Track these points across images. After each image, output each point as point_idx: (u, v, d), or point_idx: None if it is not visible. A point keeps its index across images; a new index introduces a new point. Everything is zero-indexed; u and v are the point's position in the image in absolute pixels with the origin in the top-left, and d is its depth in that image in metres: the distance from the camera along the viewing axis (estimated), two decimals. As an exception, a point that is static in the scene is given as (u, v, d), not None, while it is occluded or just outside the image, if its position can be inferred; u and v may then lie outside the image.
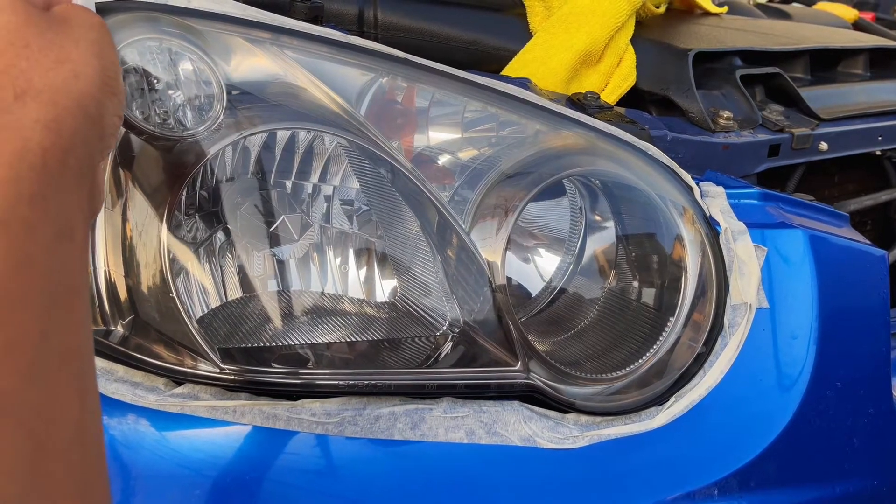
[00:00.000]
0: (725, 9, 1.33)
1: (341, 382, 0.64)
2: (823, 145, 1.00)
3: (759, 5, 1.62)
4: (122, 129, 0.64)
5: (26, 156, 0.45)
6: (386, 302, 0.69)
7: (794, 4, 1.78)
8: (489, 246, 0.66)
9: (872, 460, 0.77)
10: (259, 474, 0.62)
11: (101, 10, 0.63)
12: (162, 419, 0.62)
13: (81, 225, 0.48)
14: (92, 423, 0.44)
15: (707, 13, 1.28)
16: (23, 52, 0.48)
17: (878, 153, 1.14)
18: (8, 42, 0.48)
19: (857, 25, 1.68)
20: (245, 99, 0.64)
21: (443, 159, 0.70)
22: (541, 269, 0.80)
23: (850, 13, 1.71)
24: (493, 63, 0.96)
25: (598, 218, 0.78)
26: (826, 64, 1.24)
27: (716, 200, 0.76)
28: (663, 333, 0.72)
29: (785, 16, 1.55)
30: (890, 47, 1.30)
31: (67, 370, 0.44)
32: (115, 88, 0.53)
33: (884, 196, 1.12)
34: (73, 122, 0.49)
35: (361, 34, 0.94)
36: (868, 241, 0.80)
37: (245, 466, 0.62)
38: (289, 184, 0.69)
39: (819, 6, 1.81)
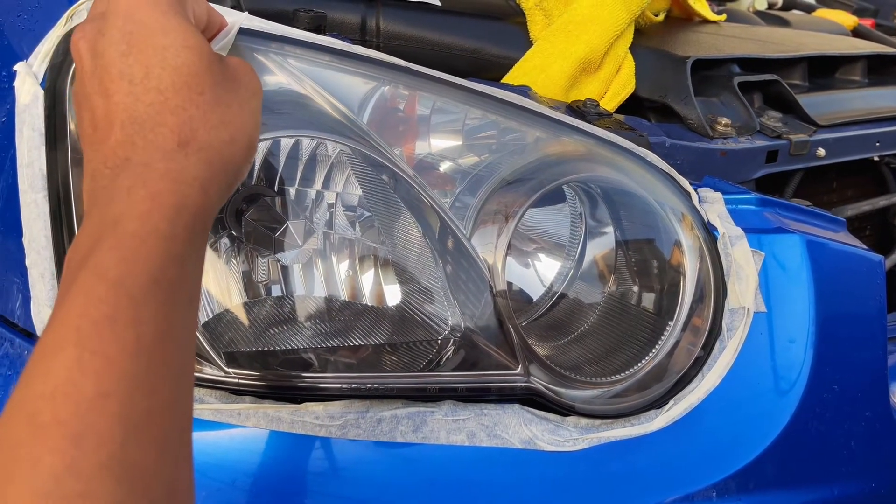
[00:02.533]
0: (724, 17, 1.34)
1: (344, 386, 0.65)
2: (821, 151, 1.00)
3: (758, 13, 1.63)
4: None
5: (183, 214, 0.43)
6: (388, 307, 0.70)
7: (794, 12, 1.79)
8: (490, 251, 0.67)
9: (870, 463, 0.78)
10: (263, 476, 0.63)
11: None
12: (168, 422, 0.63)
13: (200, 288, 0.47)
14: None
15: (705, 21, 1.29)
16: (196, 99, 0.46)
17: (876, 159, 1.15)
18: (185, 83, 0.46)
19: (857, 32, 1.69)
20: (250, 107, 0.65)
21: (444, 166, 0.71)
22: (541, 274, 0.81)
23: (849, 20, 1.72)
24: (493, 71, 0.97)
25: (597, 223, 0.79)
26: (824, 71, 1.25)
27: (714, 206, 0.77)
28: (662, 337, 0.72)
29: (784, 23, 1.56)
30: (888, 54, 1.31)
31: (187, 440, 0.42)
32: (253, 156, 0.51)
33: (882, 201, 1.13)
34: (219, 187, 0.47)
35: (364, 43, 0.95)
36: (865, 247, 0.81)
37: (249, 468, 0.63)
38: (293, 190, 0.70)
39: (819, 13, 1.82)
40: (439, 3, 1.03)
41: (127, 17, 0.47)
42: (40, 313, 0.65)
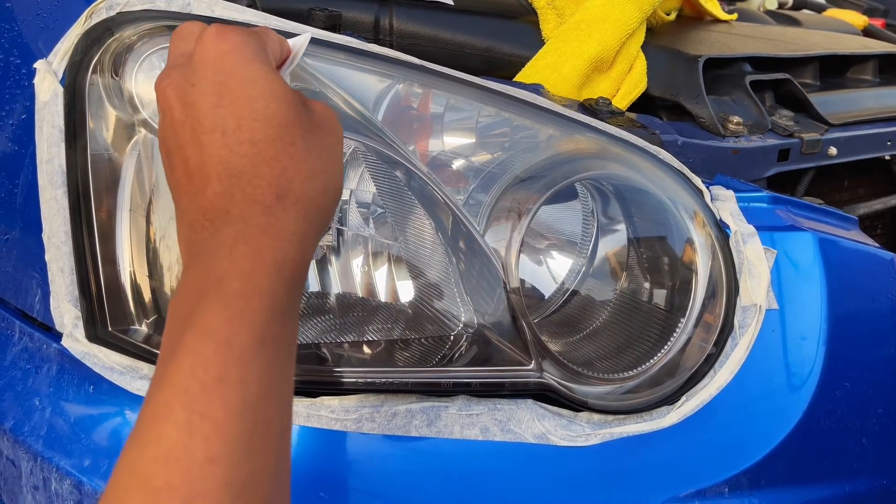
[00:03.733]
0: (735, 16, 1.34)
1: (359, 380, 0.65)
2: (833, 150, 1.00)
3: (768, 12, 1.63)
4: (149, 135, 0.66)
5: (283, 269, 0.43)
6: (402, 303, 0.71)
7: (804, 11, 1.78)
8: (503, 248, 0.68)
9: (882, 460, 0.78)
10: (280, 469, 0.63)
11: (127, 19, 0.65)
12: (185, 415, 0.64)
13: (297, 340, 0.46)
14: None
15: (717, 20, 1.29)
16: (289, 150, 0.46)
17: (888, 158, 1.15)
18: (277, 134, 0.46)
19: (867, 32, 1.69)
20: (266, 104, 0.66)
21: (457, 163, 0.72)
22: (553, 271, 0.81)
23: (859, 20, 1.72)
24: (506, 69, 0.98)
25: (609, 221, 0.80)
26: (835, 70, 1.25)
27: (726, 204, 0.77)
28: (674, 334, 0.73)
29: (795, 22, 1.56)
30: (899, 53, 1.31)
31: (287, 497, 0.42)
32: (339, 201, 0.51)
33: (893, 200, 1.13)
34: (314, 238, 0.47)
35: (378, 42, 0.96)
36: (877, 245, 0.81)
37: (266, 461, 0.64)
38: (307, 187, 0.70)
39: (829, 13, 1.82)
40: (452, 3, 1.03)
41: (216, 68, 0.47)
42: (59, 307, 0.66)
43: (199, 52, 0.48)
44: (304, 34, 0.59)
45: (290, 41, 0.57)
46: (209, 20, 0.66)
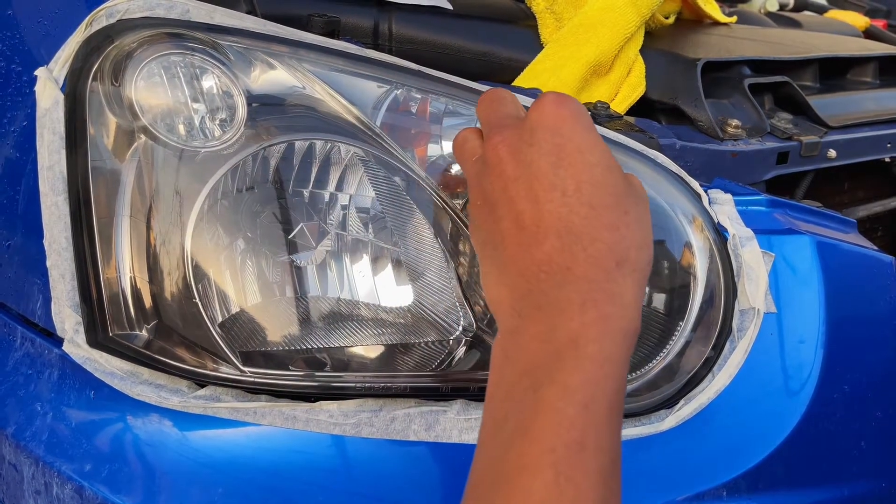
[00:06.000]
0: (734, 18, 1.34)
1: (358, 385, 0.66)
2: (832, 153, 1.01)
3: (769, 14, 1.63)
4: (149, 142, 0.66)
5: (627, 338, 0.44)
6: (401, 307, 0.71)
7: (805, 13, 1.79)
8: (501, 252, 0.68)
9: (880, 463, 0.78)
10: (278, 473, 0.64)
11: (127, 27, 0.66)
12: (185, 420, 0.65)
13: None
14: None
15: (716, 23, 1.30)
16: (624, 218, 0.48)
17: (888, 160, 1.15)
18: (614, 202, 0.47)
19: (868, 33, 1.69)
20: (265, 111, 0.66)
21: (456, 168, 0.72)
22: (552, 275, 0.81)
23: (860, 21, 1.72)
24: (504, 74, 0.98)
25: (608, 225, 0.80)
26: (835, 72, 1.25)
27: (724, 207, 0.77)
28: (673, 338, 0.73)
29: (795, 24, 1.56)
30: (899, 55, 1.31)
31: None
32: None
33: (893, 202, 1.13)
34: (640, 306, 0.47)
35: (377, 47, 0.96)
36: (876, 248, 0.81)
37: (265, 465, 0.64)
38: (307, 192, 0.71)
39: (830, 14, 1.82)
40: (450, 7, 1.03)
41: (555, 131, 0.49)
42: (60, 313, 0.66)
43: (536, 115, 0.50)
44: None
45: None
46: (209, 28, 0.66)
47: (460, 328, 0.68)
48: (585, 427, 0.40)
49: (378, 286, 0.72)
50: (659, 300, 0.76)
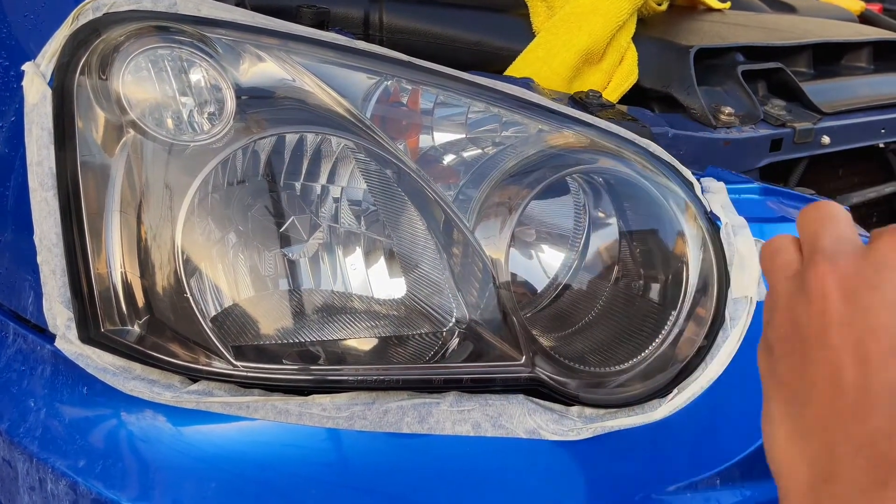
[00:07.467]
0: (728, 4, 1.33)
1: (351, 378, 0.65)
2: (826, 139, 1.00)
3: (763, -1, 1.62)
4: (137, 136, 0.66)
5: None
6: (394, 299, 0.71)
7: (800, -3, 1.77)
8: (493, 244, 0.68)
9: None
10: (272, 467, 0.64)
11: (114, 20, 0.65)
12: (178, 415, 0.65)
13: None
14: None
15: (710, 9, 1.29)
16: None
17: (882, 146, 1.15)
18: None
19: (864, 17, 1.68)
20: (254, 104, 0.66)
21: (447, 159, 0.72)
22: (545, 265, 0.81)
23: (856, 5, 1.71)
24: (497, 63, 0.97)
25: (601, 215, 0.80)
26: (829, 58, 1.24)
27: (716, 196, 0.77)
28: (666, 327, 0.73)
29: (790, 9, 1.55)
30: (894, 40, 1.30)
31: None
32: None
33: (888, 188, 1.13)
34: None
35: (367, 37, 0.96)
36: (868, 234, 0.81)
37: (258, 459, 0.64)
38: (298, 185, 0.71)
39: (825, -2, 1.81)
40: (442, -4, 1.03)
41: None
42: (51, 309, 0.66)
43: (888, 250, 0.41)
44: None
45: None
46: (196, 20, 0.66)
47: (453, 319, 0.68)
48: None
49: (371, 278, 0.72)
50: (652, 289, 0.76)
